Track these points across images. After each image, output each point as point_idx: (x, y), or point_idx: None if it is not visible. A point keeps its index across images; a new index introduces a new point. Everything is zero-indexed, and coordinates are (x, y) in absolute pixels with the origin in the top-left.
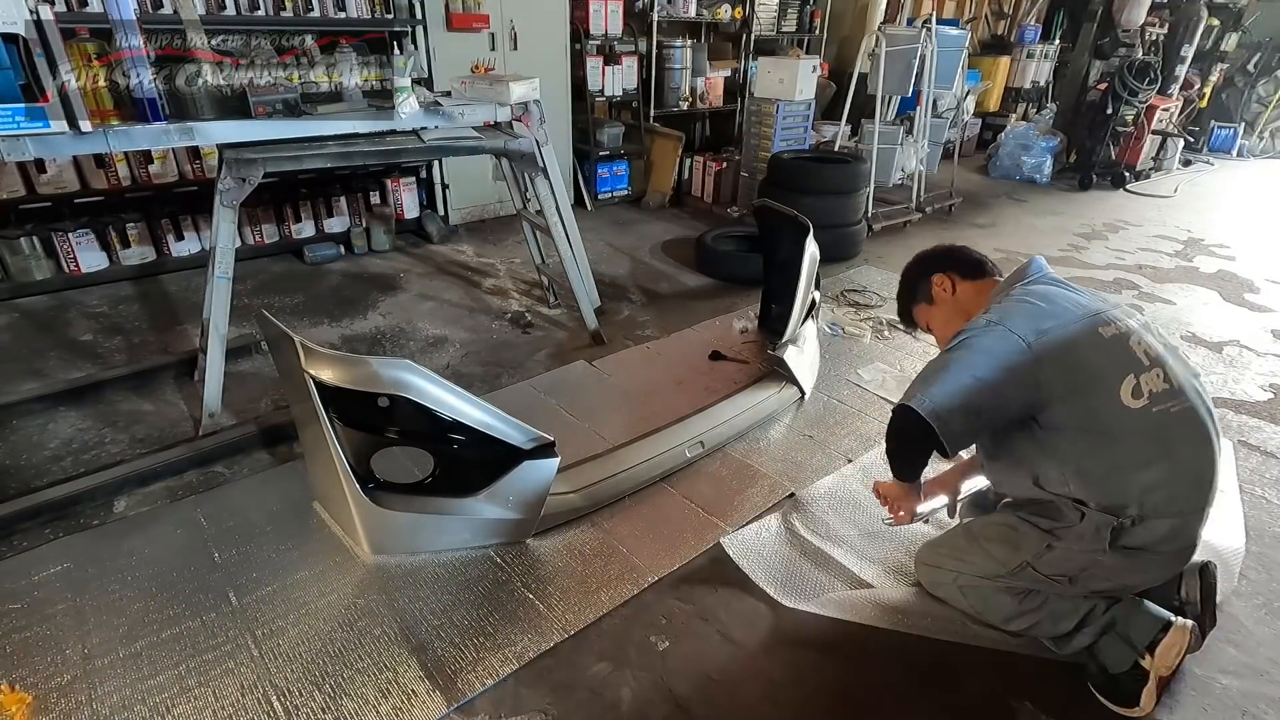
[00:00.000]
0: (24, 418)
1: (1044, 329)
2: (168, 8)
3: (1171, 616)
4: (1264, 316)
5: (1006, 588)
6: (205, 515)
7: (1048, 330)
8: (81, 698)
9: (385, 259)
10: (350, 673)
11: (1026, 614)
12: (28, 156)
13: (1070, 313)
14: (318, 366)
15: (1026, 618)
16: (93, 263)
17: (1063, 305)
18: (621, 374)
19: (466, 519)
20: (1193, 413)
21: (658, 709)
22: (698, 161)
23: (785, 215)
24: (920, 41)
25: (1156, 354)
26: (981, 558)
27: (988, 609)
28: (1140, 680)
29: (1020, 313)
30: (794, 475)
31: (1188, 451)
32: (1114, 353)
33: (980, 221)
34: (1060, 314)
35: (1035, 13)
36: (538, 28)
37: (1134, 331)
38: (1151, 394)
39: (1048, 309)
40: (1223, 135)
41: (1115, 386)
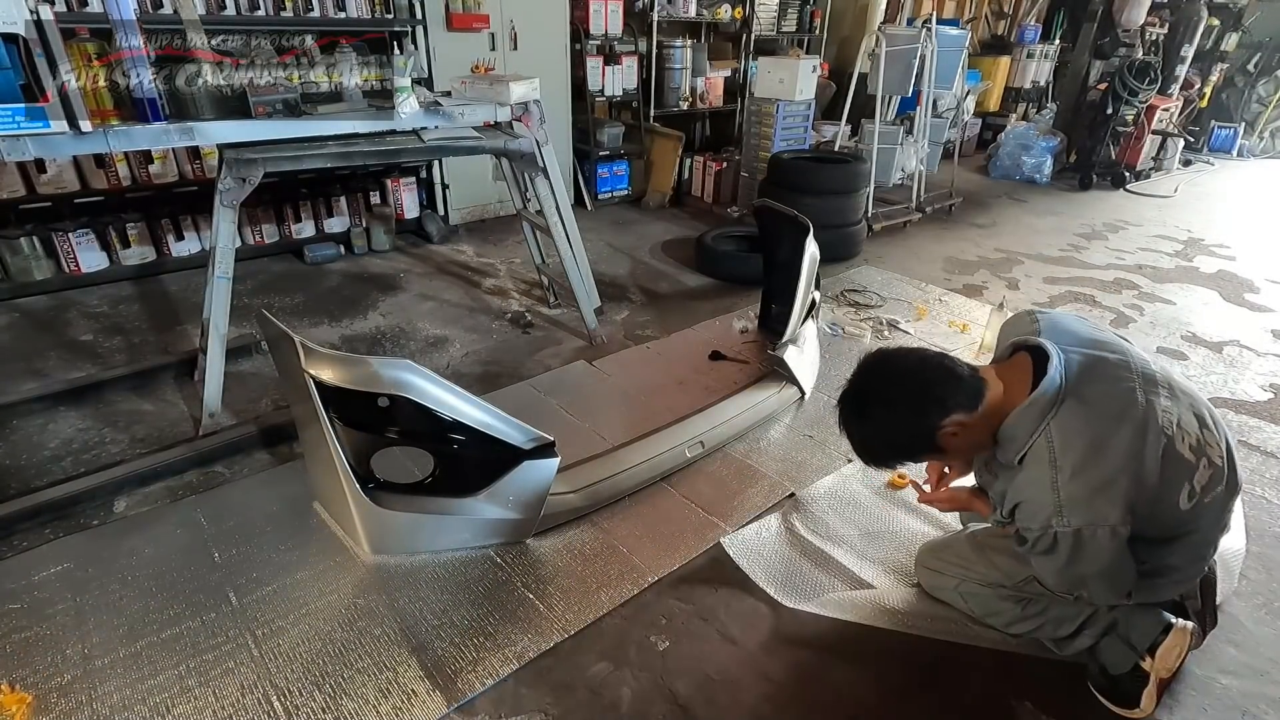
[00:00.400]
0: (24, 418)
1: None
2: (168, 8)
3: (1172, 619)
4: (1264, 316)
5: (1009, 596)
6: (205, 515)
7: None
8: (81, 698)
9: (385, 259)
10: (350, 673)
11: (1029, 619)
12: (28, 156)
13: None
14: (318, 366)
15: (1029, 622)
16: (93, 263)
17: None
18: (621, 374)
19: (466, 519)
20: (1225, 478)
21: (658, 709)
22: (698, 161)
23: (785, 215)
24: (920, 41)
25: (1196, 438)
26: (986, 567)
27: (989, 613)
28: (1140, 682)
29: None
30: (794, 475)
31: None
32: (1172, 471)
33: (980, 221)
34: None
35: (1035, 13)
36: (538, 28)
37: (1173, 422)
38: (1203, 488)
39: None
40: (1223, 135)
41: (1175, 501)
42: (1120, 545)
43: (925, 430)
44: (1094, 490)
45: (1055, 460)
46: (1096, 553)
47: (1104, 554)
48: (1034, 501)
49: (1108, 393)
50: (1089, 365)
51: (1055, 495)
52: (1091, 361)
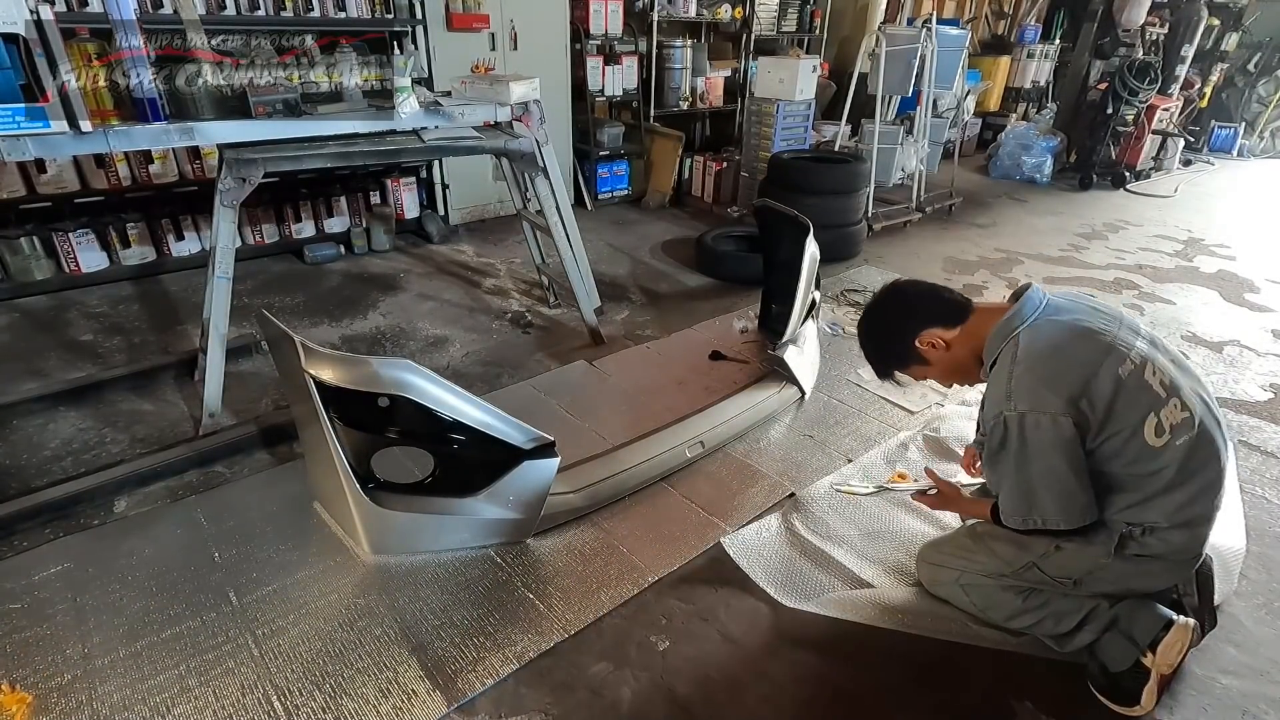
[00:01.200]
0: (24, 418)
1: (1074, 395)
2: (168, 8)
3: (1174, 615)
4: (1264, 316)
5: (1010, 586)
6: (205, 515)
7: (1075, 395)
8: (81, 698)
9: (385, 259)
10: (350, 672)
11: (1030, 612)
12: (28, 156)
13: (1085, 360)
14: (318, 366)
15: (1029, 615)
16: (93, 263)
17: (1075, 353)
18: (621, 374)
19: (466, 519)
20: (1207, 432)
21: (658, 709)
22: (698, 161)
23: (785, 215)
24: (920, 41)
25: (1170, 380)
26: (986, 556)
27: (990, 606)
28: (1141, 679)
29: (1045, 382)
30: (794, 475)
31: (1204, 470)
32: (1134, 393)
33: (980, 221)
34: (1076, 365)
35: (1035, 12)
36: (538, 28)
37: (1146, 359)
38: (1172, 427)
39: (1063, 367)
40: (1223, 135)
41: (1140, 429)
42: (1064, 443)
43: (905, 337)
44: (1040, 380)
45: (1015, 357)
46: (1040, 445)
47: (1047, 448)
48: (992, 394)
49: (1082, 319)
50: (1071, 301)
51: (1008, 383)
52: (1074, 304)
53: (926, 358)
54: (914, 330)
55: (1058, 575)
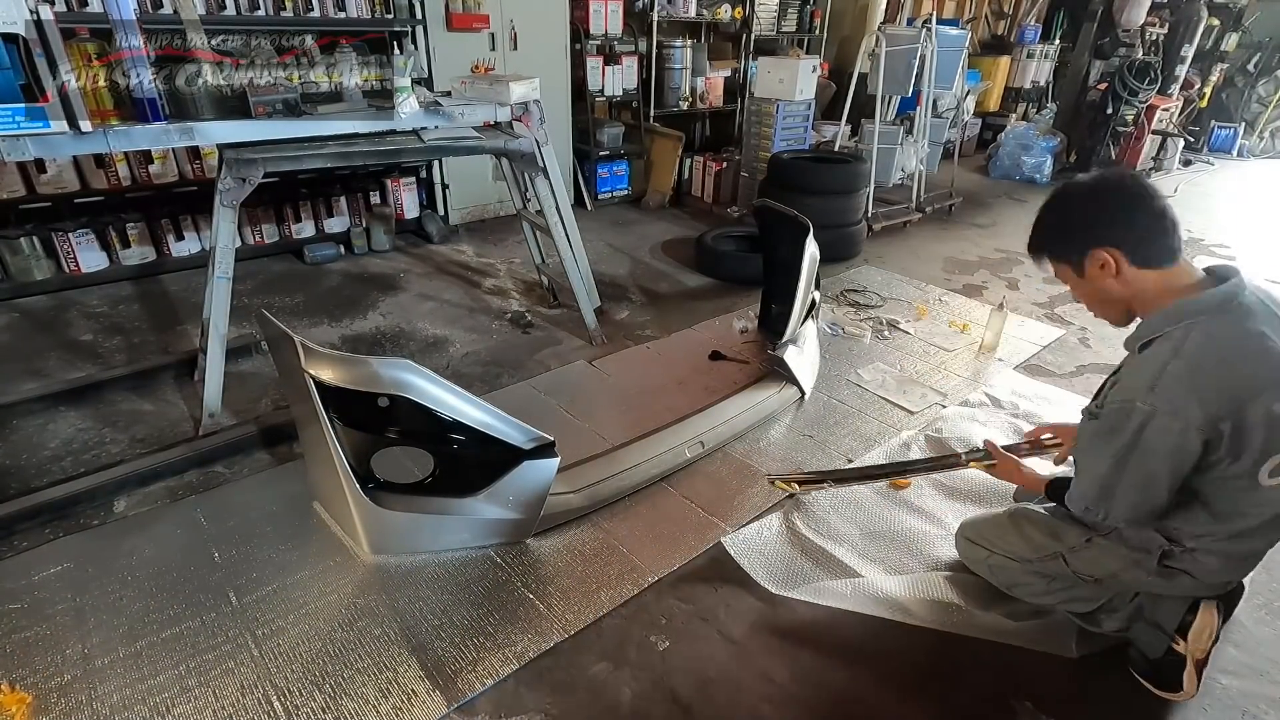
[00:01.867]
0: (24, 418)
1: (1221, 415)
2: (168, 8)
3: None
4: None
5: (1034, 572)
6: (205, 515)
7: (1221, 415)
8: (81, 698)
9: (385, 259)
10: (350, 673)
11: (1053, 593)
12: (28, 156)
13: (1248, 382)
14: (318, 366)
15: (1052, 596)
16: (93, 263)
17: (1242, 370)
18: (621, 374)
19: (466, 519)
20: None
21: (658, 709)
22: (698, 161)
23: (785, 215)
24: (920, 41)
25: None
26: (1018, 539)
27: (1015, 585)
28: (1178, 664)
29: (1198, 392)
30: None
31: None
32: (1273, 433)
33: (980, 221)
34: (1237, 384)
35: (1035, 13)
36: (538, 28)
37: None
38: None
39: (1223, 382)
40: (1223, 135)
41: (1259, 467)
42: (1177, 455)
43: (1087, 236)
44: (1193, 387)
45: (1179, 351)
46: (1155, 449)
47: (1159, 455)
48: (1134, 377)
49: (1264, 336)
50: (1265, 308)
51: (1158, 375)
52: (1266, 309)
53: (1085, 269)
54: (1104, 236)
55: (1081, 571)
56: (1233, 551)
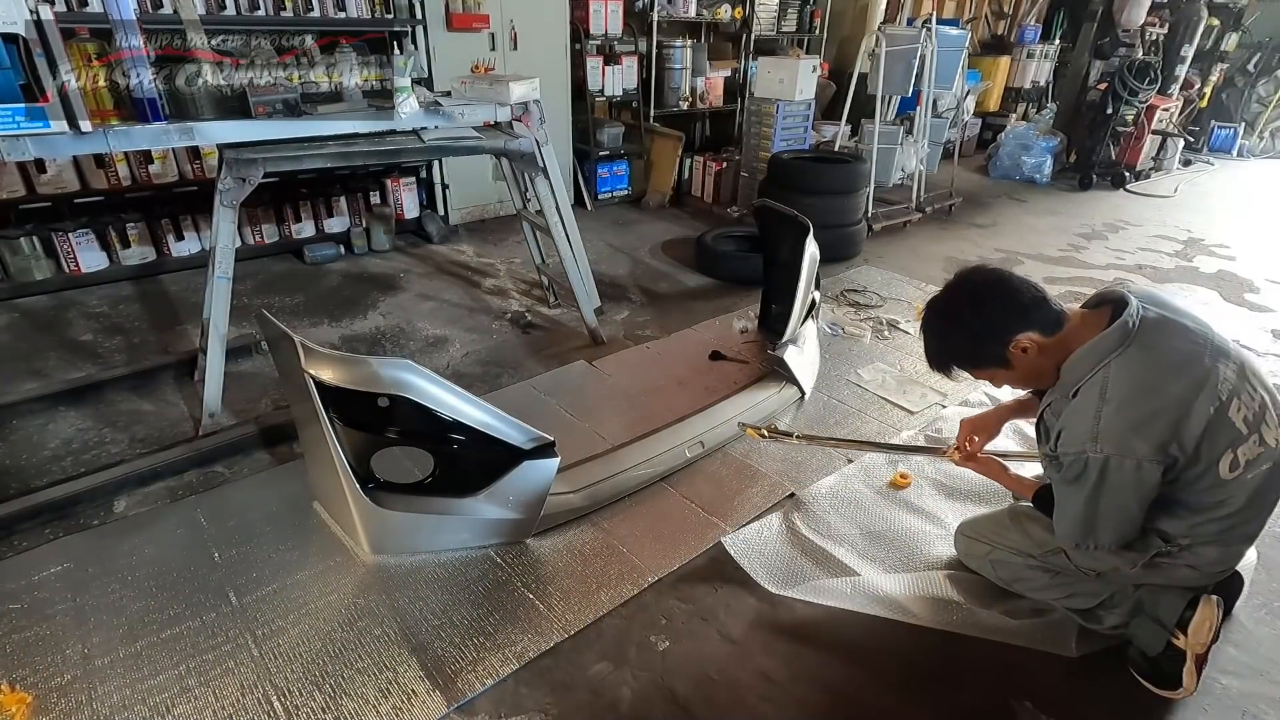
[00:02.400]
0: (24, 418)
1: (1164, 440)
2: (168, 8)
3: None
4: (1264, 316)
5: (1036, 566)
6: (205, 515)
7: (1166, 441)
8: (81, 698)
9: (385, 259)
10: (350, 673)
11: (1055, 587)
12: (28, 156)
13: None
14: (318, 366)
15: (1054, 590)
16: (93, 263)
17: (1168, 393)
18: (621, 374)
19: (466, 519)
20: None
21: (658, 709)
22: (698, 161)
23: (785, 215)
24: (920, 41)
25: (1254, 413)
26: (1020, 535)
27: (1016, 580)
28: (1178, 661)
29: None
30: (794, 475)
31: (1266, 498)
32: (1217, 433)
33: (980, 221)
34: (1169, 408)
35: (1035, 13)
36: (538, 28)
37: (1233, 393)
38: (1247, 463)
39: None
40: (1223, 135)
41: (1215, 465)
42: (1141, 487)
43: (1003, 337)
44: (1131, 424)
45: (1104, 393)
46: (1119, 486)
47: (1125, 490)
48: (1075, 428)
49: (1175, 348)
50: (1163, 322)
51: (1095, 422)
52: (1167, 321)
53: (1013, 361)
54: (1016, 330)
55: (1084, 565)
56: (1228, 538)
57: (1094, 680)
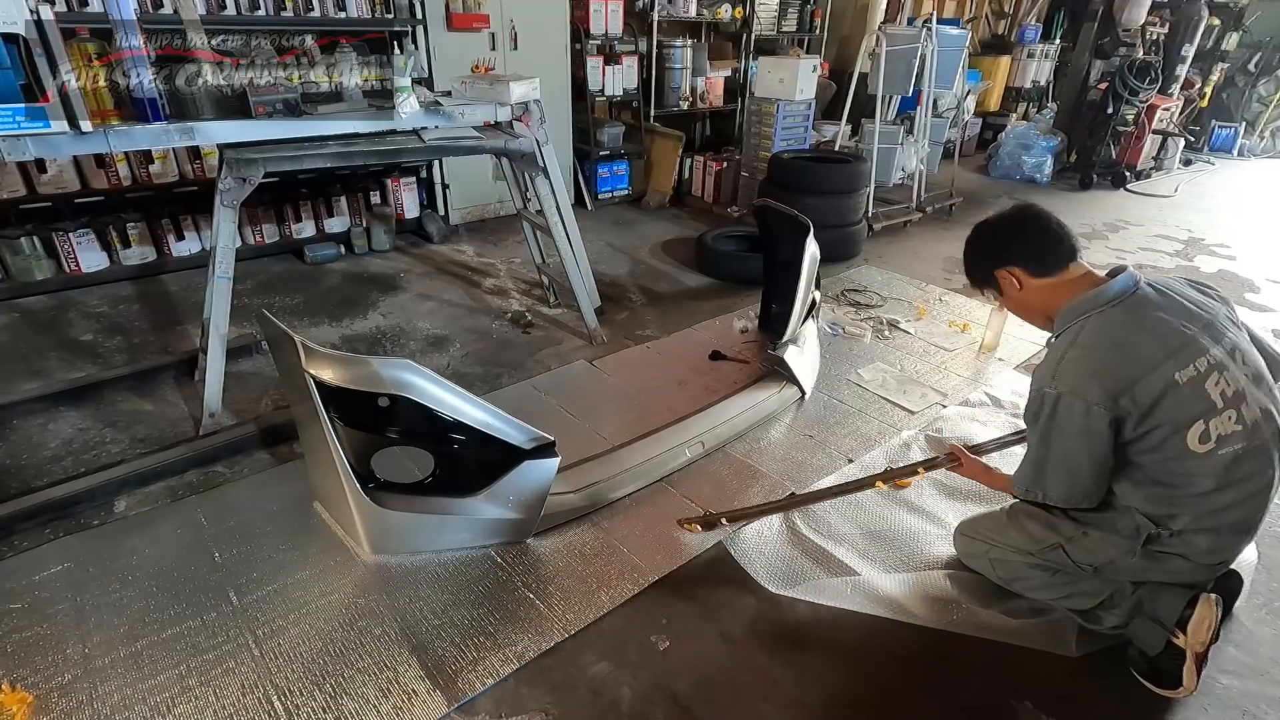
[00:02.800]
0: (24, 418)
1: (1117, 390)
2: (168, 8)
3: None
4: (1264, 316)
5: (1035, 565)
6: (205, 515)
7: (1118, 390)
8: (82, 697)
9: (385, 259)
10: (351, 672)
11: (1054, 586)
12: (28, 156)
13: (1144, 358)
14: (318, 366)
15: (1053, 590)
16: (93, 263)
17: (1136, 349)
18: (621, 374)
19: (467, 519)
20: (1262, 448)
21: (658, 709)
22: (698, 161)
23: (785, 215)
24: (920, 41)
25: (1235, 391)
26: (1018, 533)
27: (1016, 579)
28: (1178, 660)
29: (1093, 372)
30: (794, 475)
31: (1247, 483)
32: (1185, 399)
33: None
34: (1132, 362)
35: (1035, 12)
36: (538, 28)
37: (1214, 367)
38: (1220, 437)
39: (1116, 361)
40: (1223, 135)
41: (1183, 432)
42: (1088, 434)
43: (991, 261)
44: (1089, 368)
45: (1076, 339)
46: (1067, 428)
47: (1073, 433)
48: (1041, 368)
49: (1159, 318)
50: (1160, 297)
51: (1057, 363)
52: (1165, 296)
53: (1003, 289)
54: (1000, 260)
55: (1081, 560)
56: (1218, 527)
57: (1094, 680)
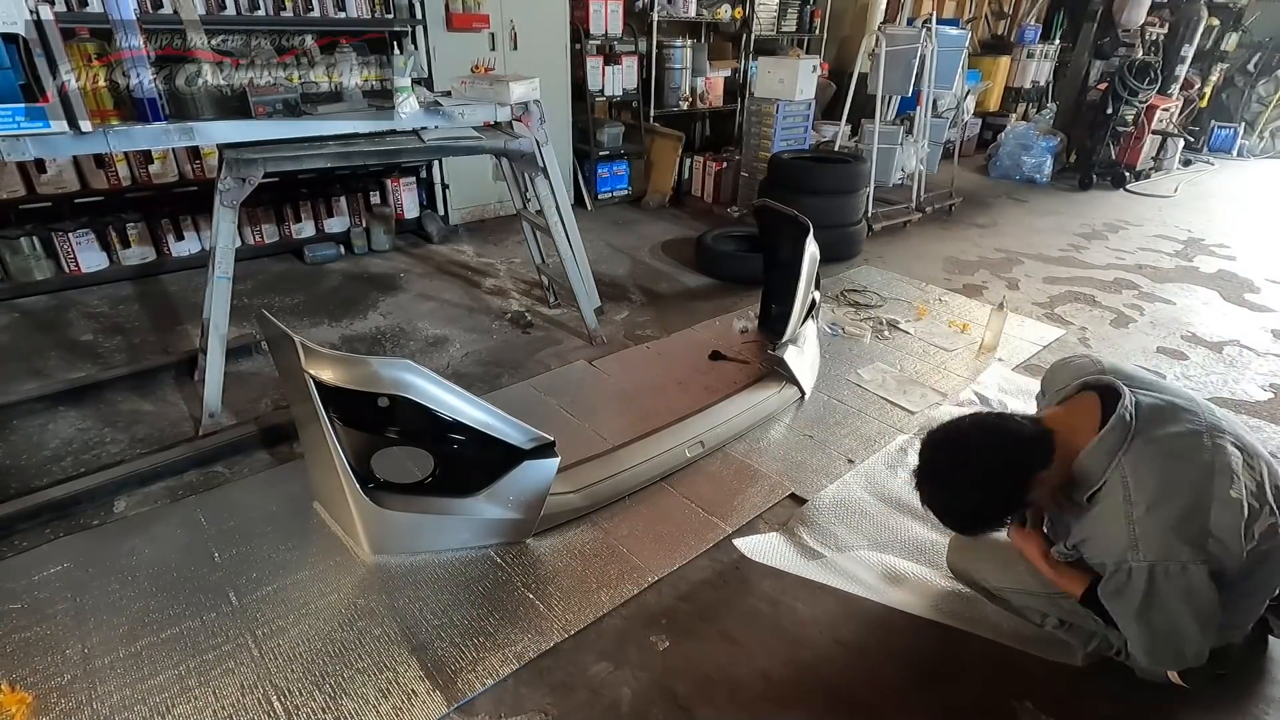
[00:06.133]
0: (24, 418)
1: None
2: (168, 8)
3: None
4: (1264, 316)
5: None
6: (205, 515)
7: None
8: (81, 698)
9: (385, 259)
10: (350, 673)
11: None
12: (28, 156)
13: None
14: (318, 366)
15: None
16: (93, 263)
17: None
18: (621, 374)
19: (466, 519)
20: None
21: (658, 709)
22: (698, 161)
23: (785, 215)
24: (920, 41)
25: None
26: (1026, 570)
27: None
28: None
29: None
30: (794, 475)
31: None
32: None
33: (980, 221)
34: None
35: (1035, 12)
36: (538, 28)
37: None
38: (1260, 534)
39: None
40: (1223, 135)
41: None
42: (1190, 594)
43: (1016, 496)
44: (1168, 527)
45: (1130, 496)
46: (1168, 595)
47: (1175, 593)
48: (1107, 537)
49: (1176, 434)
50: (1158, 407)
51: (1130, 530)
52: (1161, 404)
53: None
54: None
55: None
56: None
57: (1094, 680)
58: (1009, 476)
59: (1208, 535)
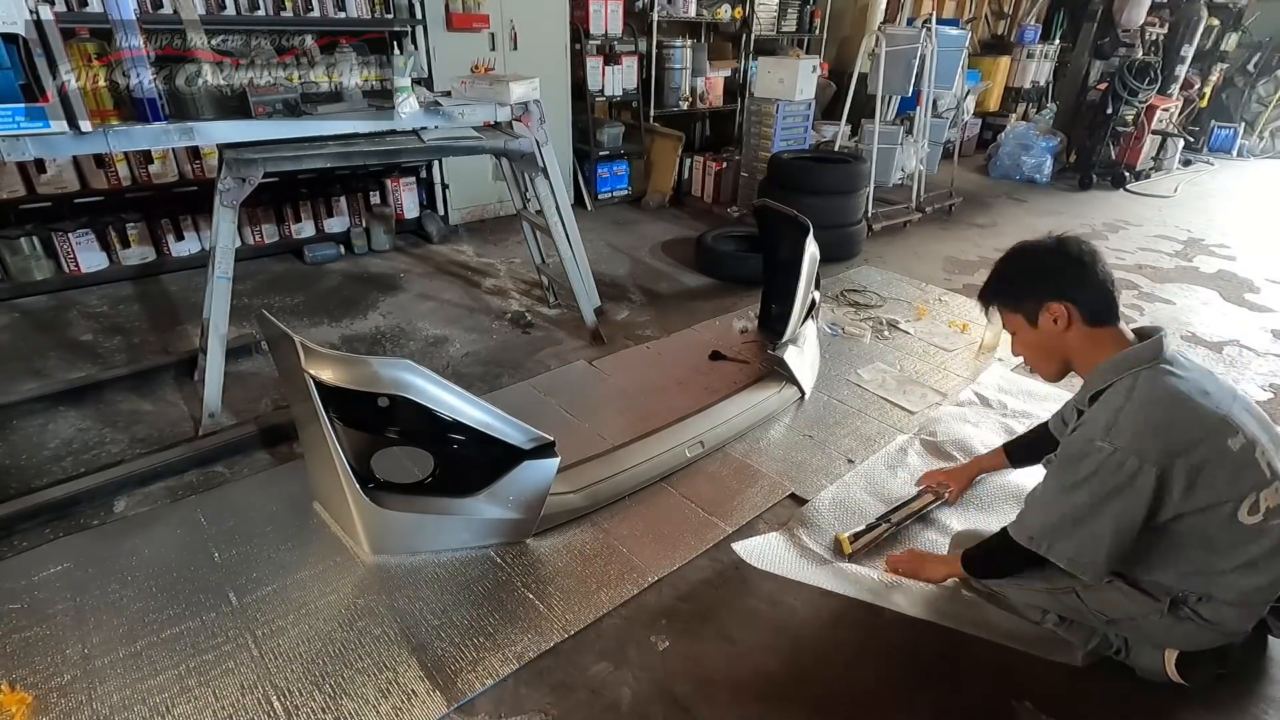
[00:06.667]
0: (24, 418)
1: (1176, 450)
2: (168, 8)
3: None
4: (1264, 316)
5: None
6: (205, 515)
7: (1176, 451)
8: (81, 698)
9: (385, 259)
10: (350, 673)
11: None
12: (28, 156)
13: (1199, 423)
14: (318, 366)
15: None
16: (93, 263)
17: (1191, 413)
18: (621, 374)
19: (466, 519)
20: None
21: (658, 709)
22: (698, 161)
23: (785, 215)
24: (920, 41)
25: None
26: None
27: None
28: None
29: (1154, 430)
30: (794, 475)
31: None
32: (1240, 469)
33: (980, 221)
34: (1190, 425)
35: (1035, 13)
36: (538, 28)
37: (1254, 440)
38: (1268, 510)
39: (1176, 421)
40: (1223, 135)
41: (1239, 504)
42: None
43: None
44: (1149, 425)
45: (1131, 394)
46: (1106, 482)
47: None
48: (1091, 422)
49: (1200, 384)
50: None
51: (1113, 416)
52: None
53: (1040, 323)
54: (1059, 293)
55: (1097, 609)
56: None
57: (1094, 680)
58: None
59: (1183, 454)
